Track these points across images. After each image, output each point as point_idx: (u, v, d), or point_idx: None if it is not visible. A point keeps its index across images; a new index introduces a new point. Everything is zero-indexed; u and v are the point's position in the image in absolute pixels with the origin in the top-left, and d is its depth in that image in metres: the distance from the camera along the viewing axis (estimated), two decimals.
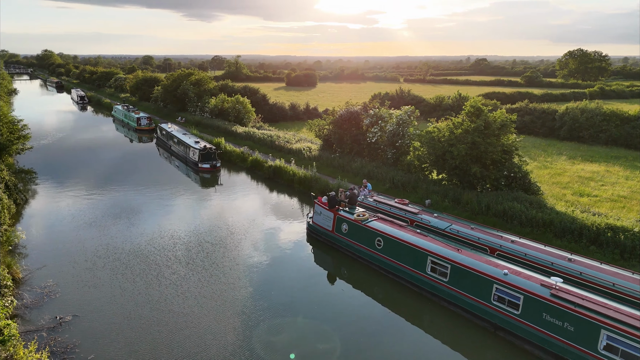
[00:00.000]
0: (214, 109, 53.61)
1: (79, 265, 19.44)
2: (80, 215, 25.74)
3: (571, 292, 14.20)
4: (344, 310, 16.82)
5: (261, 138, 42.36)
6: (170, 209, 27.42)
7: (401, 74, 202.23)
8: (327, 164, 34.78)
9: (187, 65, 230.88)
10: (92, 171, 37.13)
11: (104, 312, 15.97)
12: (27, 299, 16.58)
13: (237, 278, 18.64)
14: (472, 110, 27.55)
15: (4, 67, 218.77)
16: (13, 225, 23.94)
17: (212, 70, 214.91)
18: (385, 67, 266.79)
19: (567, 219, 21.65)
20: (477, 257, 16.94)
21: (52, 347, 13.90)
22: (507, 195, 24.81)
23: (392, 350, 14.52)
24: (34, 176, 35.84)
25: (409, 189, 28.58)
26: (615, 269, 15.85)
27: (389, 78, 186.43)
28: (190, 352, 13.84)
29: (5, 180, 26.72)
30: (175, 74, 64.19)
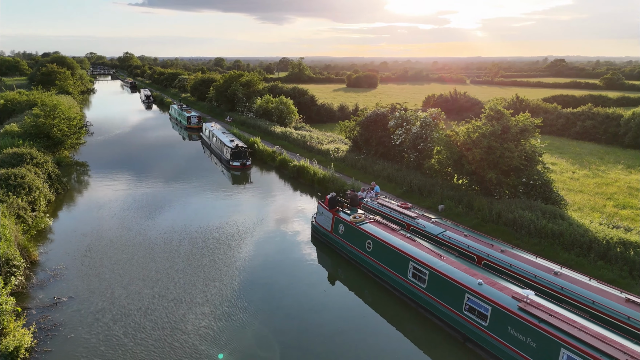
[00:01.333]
0: (259, 109, 55.28)
1: (91, 252, 21.08)
2: (108, 206, 27.80)
3: (541, 306, 13.40)
4: (325, 311, 16.91)
5: (295, 138, 43.16)
6: (191, 204, 28.79)
7: (468, 76, 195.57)
8: (351, 165, 34.83)
9: (255, 67, 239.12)
10: (136, 165, 39.74)
11: (96, 297, 17.19)
12: (35, 279, 18.32)
13: (228, 276, 19.12)
14: (492, 114, 26.42)
15: (91, 67, 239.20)
16: (49, 212, 26.47)
17: (277, 71, 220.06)
18: (454, 69, 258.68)
19: (579, 231, 20.21)
20: (458, 265, 16.38)
21: (41, 324, 15.27)
22: (521, 203, 23.56)
23: (358, 353, 14.48)
24: (86, 168, 39.04)
25: (425, 193, 27.94)
26: (602, 286, 14.69)
27: (454, 80, 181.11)
28: (164, 343, 14.59)
29: (49, 172, 29.57)
30: (227, 75, 66.86)
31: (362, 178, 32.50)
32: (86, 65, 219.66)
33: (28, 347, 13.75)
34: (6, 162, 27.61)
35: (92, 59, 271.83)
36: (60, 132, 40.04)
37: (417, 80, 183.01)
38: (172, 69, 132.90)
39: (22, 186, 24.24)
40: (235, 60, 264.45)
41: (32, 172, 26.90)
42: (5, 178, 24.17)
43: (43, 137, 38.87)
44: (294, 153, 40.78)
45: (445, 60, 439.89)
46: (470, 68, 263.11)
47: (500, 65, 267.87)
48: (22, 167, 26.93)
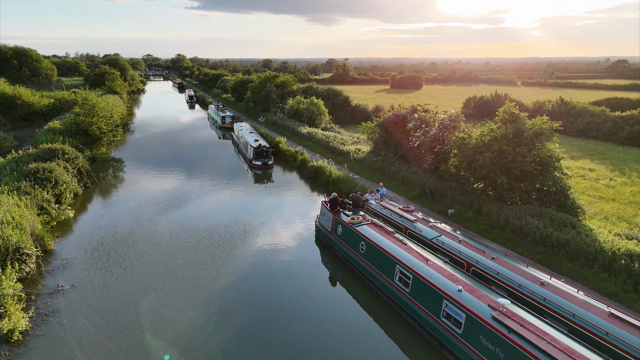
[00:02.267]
0: (290, 109, 56.02)
1: (101, 245, 22.20)
2: (128, 201, 29.17)
3: (515, 316, 12.93)
4: (310, 313, 17.06)
5: (320, 139, 43.42)
6: (207, 201, 29.68)
7: (520, 77, 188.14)
8: (369, 166, 34.68)
9: (301, 68, 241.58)
10: (166, 162, 41.33)
11: (97, 287, 18.11)
12: (45, 267, 19.64)
13: (223, 275, 19.57)
14: (506, 116, 25.54)
15: (147, 68, 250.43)
16: (77, 204, 28.22)
17: (323, 73, 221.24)
18: (506, 70, 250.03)
19: (586, 241, 19.20)
20: (442, 270, 16.05)
21: (40, 310, 16.34)
22: (532, 210, 22.67)
23: (332, 355, 14.59)
24: (121, 164, 41.12)
25: (437, 197, 27.40)
26: (588, 299, 13.94)
27: (504, 81, 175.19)
28: (143, 338, 15.23)
29: (79, 167, 31.49)
30: (262, 76, 68.16)
31: (378, 180, 32.28)
32: (141, 66, 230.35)
33: (22, 330, 14.77)
34: (40, 157, 29.71)
35: (148, 60, 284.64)
36: (99, 130, 42.52)
37: (464, 82, 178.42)
38: (217, 70, 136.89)
39: (49, 179, 26.00)
40: (283, 61, 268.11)
41: (62, 166, 28.77)
42: (34, 172, 26.04)
43: (82, 134, 41.40)
44: (317, 154, 41.08)
45: (498, 60, 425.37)
46: (524, 69, 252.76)
47: (557, 66, 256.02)
48: (53, 161, 28.88)
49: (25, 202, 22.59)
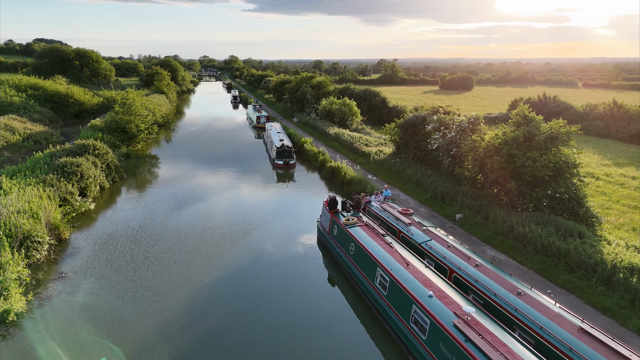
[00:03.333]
0: (323, 110, 56.35)
1: (111, 237, 23.37)
2: (148, 196, 30.54)
3: (477, 325, 12.52)
4: (288, 310, 17.24)
5: (345, 140, 43.41)
6: (222, 200, 30.41)
7: (582, 78, 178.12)
8: (387, 168, 34.33)
9: (352, 69, 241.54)
10: (196, 160, 42.67)
11: (96, 277, 19.12)
12: (55, 255, 21.00)
13: (218, 272, 20.15)
14: (519, 119, 24.50)
15: (202, 69, 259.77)
16: (104, 197, 30.02)
17: (372, 73, 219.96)
18: (568, 70, 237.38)
19: (588, 252, 18.11)
20: (419, 275, 15.74)
21: (40, 294, 17.54)
22: (540, 217, 21.64)
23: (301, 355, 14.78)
24: (156, 161, 43.09)
25: (447, 201, 26.72)
26: (562, 312, 13.22)
27: (563, 82, 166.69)
28: (132, 331, 16.09)
29: (108, 162, 33.45)
30: (299, 77, 68.93)
31: (394, 181, 31.92)
32: (196, 67, 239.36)
33: (18, 312, 15.92)
34: (73, 152, 31.84)
35: (204, 61, 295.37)
36: (136, 128, 44.87)
37: (520, 83, 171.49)
38: (262, 71, 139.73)
39: (75, 173, 27.81)
40: (334, 62, 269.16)
41: (90, 161, 30.70)
42: (62, 166, 27.96)
43: (120, 131, 43.88)
44: (341, 154, 41.16)
45: (561, 61, 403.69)
46: (587, 70, 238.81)
47: (624, 67, 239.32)
48: (83, 156, 30.89)
49: (48, 193, 24.38)
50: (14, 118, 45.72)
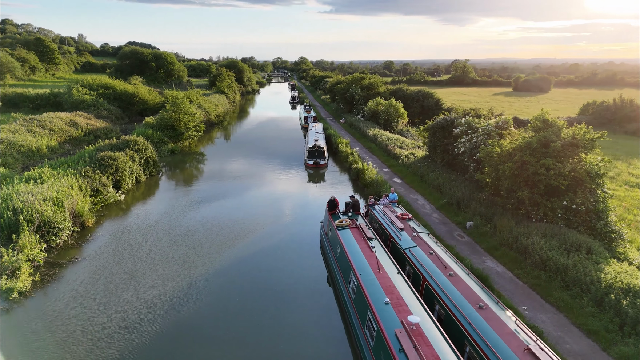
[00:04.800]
0: (368, 111, 55.97)
1: (127, 228, 24.94)
2: (175, 191, 32.22)
3: (418, 336, 12.08)
4: (261, 310, 17.60)
5: (381, 142, 42.87)
6: (244, 198, 31.18)
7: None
8: (413, 171, 33.50)
9: (422, 69, 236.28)
10: (238, 158, 44.15)
11: (102, 263, 20.61)
12: (74, 240, 22.93)
13: (215, 268, 20.99)
14: (538, 124, 22.92)
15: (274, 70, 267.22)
16: (140, 190, 32.30)
17: (442, 74, 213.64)
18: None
19: (588, 268, 16.64)
20: (385, 280, 15.39)
21: (46, 276, 19.22)
22: (550, 229, 20.18)
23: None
24: (202, 157, 45.37)
25: (463, 207, 25.62)
26: (518, 331, 12.34)
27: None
28: (122, 319, 17.31)
29: (147, 157, 35.82)
30: (350, 77, 68.82)
31: (417, 185, 31.13)
32: (268, 69, 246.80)
33: (21, 290, 17.64)
34: (116, 147, 34.46)
35: (277, 63, 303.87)
36: (184, 125, 47.55)
37: (606, 85, 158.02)
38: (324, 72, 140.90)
39: (110, 166, 30.21)
40: (405, 63, 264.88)
41: (128, 155, 33.12)
42: (100, 159, 30.45)
43: (169, 128, 46.73)
44: (375, 156, 40.79)
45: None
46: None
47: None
48: (123, 151, 33.41)
49: (81, 184, 26.75)
50: (80, 114, 50.27)
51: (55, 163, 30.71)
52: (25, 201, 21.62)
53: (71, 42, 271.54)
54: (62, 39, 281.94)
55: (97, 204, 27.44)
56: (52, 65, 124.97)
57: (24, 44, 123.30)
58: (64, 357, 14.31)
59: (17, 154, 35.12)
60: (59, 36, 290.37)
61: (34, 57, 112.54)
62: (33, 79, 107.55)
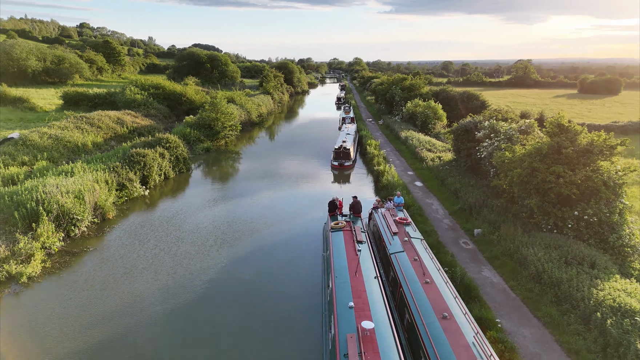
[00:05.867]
0: (406, 113, 55.00)
1: (144, 222, 26.15)
2: (197, 187, 33.34)
3: (368, 343, 11.89)
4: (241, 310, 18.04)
5: (411, 144, 42.05)
6: (262, 197, 31.66)
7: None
8: (435, 175, 32.61)
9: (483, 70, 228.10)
10: (271, 156, 44.85)
11: (112, 254, 21.80)
12: (92, 231, 24.42)
13: (214, 263, 21.67)
14: (554, 129, 21.60)
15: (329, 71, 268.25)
16: (168, 185, 33.86)
17: (500, 75, 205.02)
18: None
19: (583, 284, 15.56)
20: (358, 285, 15.19)
21: (56, 263, 20.63)
22: (555, 240, 19.02)
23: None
24: (237, 155, 46.71)
25: (474, 214, 24.68)
26: (475, 345, 11.80)
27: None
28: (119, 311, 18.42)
29: (177, 154, 37.41)
30: (391, 78, 67.82)
31: (437, 189, 30.29)
32: (323, 69, 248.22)
33: (30, 275, 19.09)
34: (148, 144, 36.39)
35: (333, 63, 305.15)
36: (221, 125, 49.17)
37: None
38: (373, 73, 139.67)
39: (138, 162, 31.95)
40: (464, 63, 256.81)
41: (158, 153, 34.80)
42: (130, 155, 32.29)
43: (206, 127, 48.52)
44: (404, 158, 40.11)
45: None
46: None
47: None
48: (154, 148, 35.16)
49: (107, 178, 28.51)
50: (128, 113, 53.30)
51: (92, 158, 32.91)
52: (48, 193, 23.42)
53: (141, 44, 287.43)
54: (133, 41, 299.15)
55: (122, 197, 29.10)
56: (118, 66, 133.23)
57: (93, 47, 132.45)
58: (52, 339, 15.41)
59: (63, 149, 37.84)
60: (130, 39, 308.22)
61: (101, 58, 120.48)
62: (100, 79, 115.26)
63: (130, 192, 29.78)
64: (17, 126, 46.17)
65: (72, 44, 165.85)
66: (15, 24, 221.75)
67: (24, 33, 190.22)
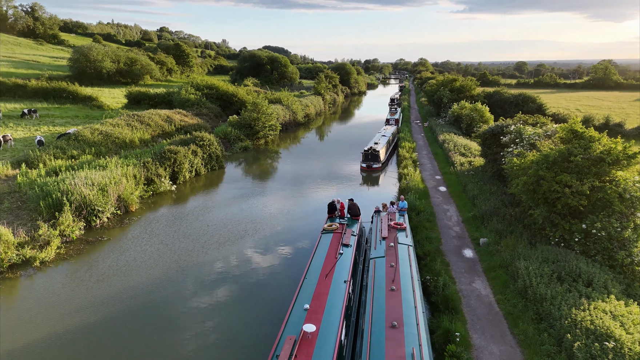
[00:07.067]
0: (451, 115, 53.17)
1: (161, 216, 27.40)
2: (225, 185, 34.45)
3: (303, 346, 11.88)
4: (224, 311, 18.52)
5: (447, 147, 40.62)
6: (283, 196, 32.31)
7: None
8: (459, 181, 31.32)
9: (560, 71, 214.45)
10: (307, 158, 45.35)
11: (117, 246, 22.99)
12: (112, 222, 26.04)
13: (216, 259, 22.48)
14: (568, 135, 20.04)
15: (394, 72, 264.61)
16: (200, 181, 35.38)
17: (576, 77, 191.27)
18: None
19: (567, 302, 14.40)
20: (323, 288, 15.08)
21: (70, 250, 22.18)
22: (556, 253, 17.70)
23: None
24: (276, 154, 47.76)
25: (485, 222, 23.47)
26: (412, 356, 11.35)
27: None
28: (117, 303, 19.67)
29: (210, 152, 38.87)
30: (440, 79, 65.66)
31: (458, 196, 29.12)
32: (386, 70, 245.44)
33: (42, 260, 20.72)
34: (184, 141, 38.22)
35: (399, 64, 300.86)
36: (262, 124, 50.43)
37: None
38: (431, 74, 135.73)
39: (169, 159, 33.66)
40: (539, 64, 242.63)
41: (190, 150, 36.42)
42: (162, 152, 34.12)
43: (247, 127, 49.97)
44: (437, 162, 38.96)
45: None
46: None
47: None
48: (188, 145, 36.86)
49: (136, 173, 30.34)
50: (178, 112, 56.15)
51: (130, 154, 35.19)
52: (74, 185, 25.42)
53: (213, 46, 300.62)
54: (207, 44, 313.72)
55: (149, 191, 30.83)
56: (186, 67, 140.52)
57: (164, 49, 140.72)
58: (42, 317, 16.78)
59: (112, 145, 40.67)
60: (205, 42, 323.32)
61: (171, 60, 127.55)
62: (169, 80, 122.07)
63: (157, 187, 31.46)
64: (82, 122, 50.13)
65: (148, 46, 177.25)
66: (102, 29, 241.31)
67: (109, 37, 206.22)
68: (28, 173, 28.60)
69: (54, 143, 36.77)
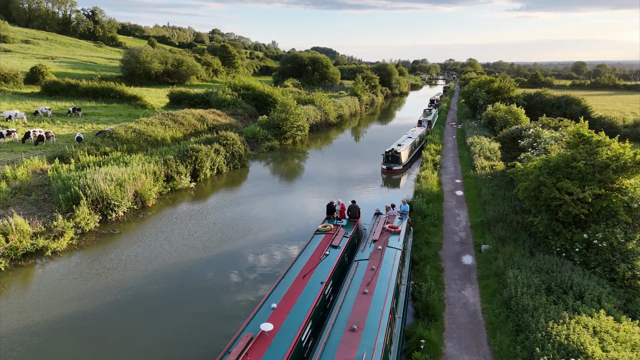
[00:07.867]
0: (485, 117, 51.46)
1: (175, 211, 28.36)
2: (246, 183, 35.19)
3: (257, 345, 12.00)
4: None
5: (472, 150, 39.34)
6: (294, 199, 32.45)
7: None
8: (476, 185, 30.30)
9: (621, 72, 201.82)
10: (333, 158, 45.47)
11: (125, 240, 23.81)
12: (127, 216, 27.17)
13: (217, 257, 22.98)
14: (575, 140, 18.97)
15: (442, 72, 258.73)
16: (222, 179, 36.32)
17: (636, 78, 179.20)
18: None
19: (548, 315, 13.69)
20: (297, 288, 15.16)
21: (81, 242, 23.27)
22: (552, 264, 16.85)
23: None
24: (304, 154, 48.20)
25: (491, 229, 22.61)
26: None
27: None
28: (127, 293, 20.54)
29: (233, 151, 39.72)
30: (477, 80, 63.52)
31: (472, 200, 28.23)
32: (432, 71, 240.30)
33: (55, 250, 21.92)
34: (209, 140, 39.31)
35: (448, 65, 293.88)
36: (290, 125, 50.98)
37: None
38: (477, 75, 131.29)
39: (190, 157, 34.75)
40: (599, 65, 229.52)
41: (213, 149, 37.40)
42: (184, 150, 35.30)
43: (275, 126, 50.68)
44: (462, 165, 37.92)
45: None
46: None
47: None
48: (211, 144, 37.90)
49: (155, 170, 31.55)
50: (212, 111, 57.72)
51: (155, 151, 36.66)
52: (92, 180, 26.83)
53: (262, 47, 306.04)
54: (257, 45, 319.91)
55: (167, 188, 31.99)
56: (232, 68, 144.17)
57: (211, 51, 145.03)
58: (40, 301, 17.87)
59: (144, 142, 42.53)
60: (255, 43, 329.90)
61: (217, 61, 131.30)
62: (215, 80, 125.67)
63: (176, 184, 32.59)
64: (124, 120, 52.35)
65: (199, 48, 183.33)
66: (157, 31, 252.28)
67: (164, 39, 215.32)
68: (59, 168, 30.43)
69: (90, 140, 38.85)
